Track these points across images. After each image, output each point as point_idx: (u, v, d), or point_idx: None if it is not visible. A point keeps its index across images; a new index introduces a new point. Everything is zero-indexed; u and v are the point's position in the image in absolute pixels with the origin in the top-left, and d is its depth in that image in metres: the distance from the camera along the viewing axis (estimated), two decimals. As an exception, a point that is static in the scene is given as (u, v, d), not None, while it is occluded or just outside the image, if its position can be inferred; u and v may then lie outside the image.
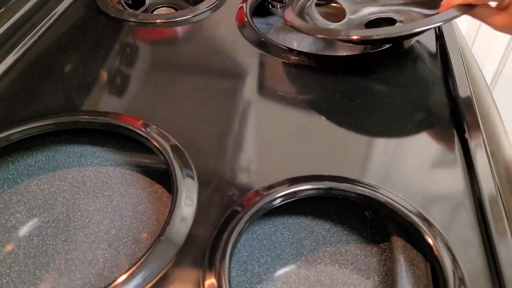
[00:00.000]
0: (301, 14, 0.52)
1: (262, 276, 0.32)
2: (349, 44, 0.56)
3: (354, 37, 0.44)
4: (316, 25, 0.52)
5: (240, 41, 0.53)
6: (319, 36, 0.48)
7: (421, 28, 0.41)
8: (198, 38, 0.54)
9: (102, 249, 0.34)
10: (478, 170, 0.36)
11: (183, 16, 0.57)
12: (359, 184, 0.35)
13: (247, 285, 0.31)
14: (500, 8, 0.36)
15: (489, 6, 0.37)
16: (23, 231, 0.35)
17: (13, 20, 0.52)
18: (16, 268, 0.32)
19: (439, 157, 0.39)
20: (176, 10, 0.65)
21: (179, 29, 0.56)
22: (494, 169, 0.37)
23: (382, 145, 0.40)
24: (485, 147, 0.39)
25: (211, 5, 0.59)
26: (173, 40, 0.55)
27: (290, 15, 0.47)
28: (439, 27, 0.55)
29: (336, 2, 0.57)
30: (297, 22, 0.47)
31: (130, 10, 0.62)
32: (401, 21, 0.50)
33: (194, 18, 0.57)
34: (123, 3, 0.63)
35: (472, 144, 0.39)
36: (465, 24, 0.93)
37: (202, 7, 0.59)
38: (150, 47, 0.54)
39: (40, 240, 0.34)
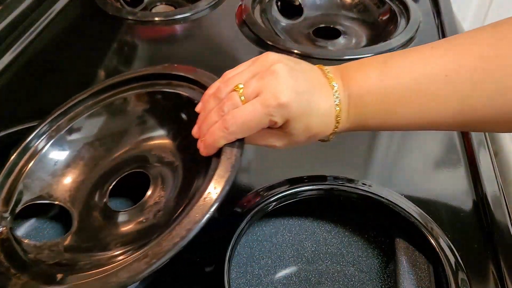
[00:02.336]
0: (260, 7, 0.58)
1: (262, 278, 0.32)
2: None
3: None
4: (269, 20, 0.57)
5: (240, 39, 0.52)
6: None
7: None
8: (197, 36, 0.54)
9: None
10: (481, 171, 0.36)
11: (182, 14, 0.57)
12: (360, 184, 0.34)
13: (247, 286, 0.31)
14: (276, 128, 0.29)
15: (265, 130, 0.29)
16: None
17: (10, 18, 0.52)
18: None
19: (442, 157, 0.39)
20: (175, 7, 0.64)
21: (178, 27, 0.55)
22: (497, 170, 0.37)
23: (384, 145, 0.40)
24: (488, 147, 0.38)
25: (211, 3, 0.58)
26: (172, 38, 0.55)
27: None
28: (441, 24, 0.54)
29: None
30: None
31: (129, 8, 0.62)
32: (345, 34, 0.56)
33: (193, 16, 0.57)
34: (121, 1, 0.62)
35: (475, 144, 0.38)
36: (467, 24, 0.93)
37: (201, 5, 0.58)
38: (149, 45, 0.53)
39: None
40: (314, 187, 0.34)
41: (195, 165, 0.32)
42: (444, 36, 0.52)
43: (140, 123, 0.37)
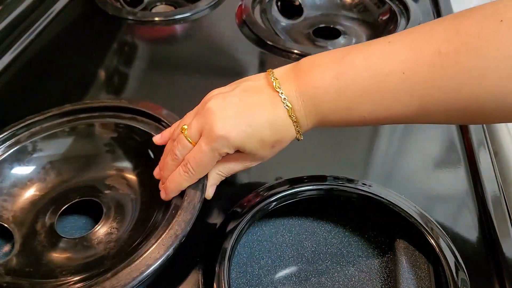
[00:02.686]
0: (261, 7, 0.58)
1: (262, 278, 0.32)
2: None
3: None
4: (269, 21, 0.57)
5: (240, 39, 0.53)
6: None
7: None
8: (197, 36, 0.54)
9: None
10: (482, 170, 0.36)
11: (182, 14, 0.57)
12: (360, 184, 0.34)
13: (247, 287, 0.31)
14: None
15: (231, 157, 0.30)
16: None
17: (10, 19, 0.52)
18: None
19: (442, 157, 0.39)
20: (175, 7, 0.64)
21: (178, 27, 0.55)
22: (497, 169, 0.37)
23: (384, 145, 0.40)
24: (488, 147, 0.38)
25: (211, 3, 0.58)
26: (172, 38, 0.55)
27: None
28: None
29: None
30: None
31: (129, 8, 0.62)
32: (344, 34, 0.56)
33: (193, 16, 0.57)
34: (121, 1, 0.62)
35: (475, 144, 0.38)
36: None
37: (201, 4, 0.58)
38: (149, 45, 0.53)
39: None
40: (314, 187, 0.34)
41: (154, 201, 0.32)
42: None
43: (102, 152, 0.36)
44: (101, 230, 0.33)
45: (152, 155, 0.35)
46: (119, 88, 0.46)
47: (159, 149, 0.34)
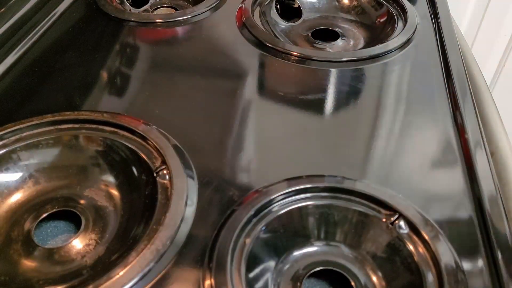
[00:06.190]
0: (260, 9, 0.58)
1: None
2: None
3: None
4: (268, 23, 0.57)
5: (240, 41, 0.53)
6: None
7: None
8: (198, 38, 0.54)
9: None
10: (478, 170, 0.36)
11: (183, 16, 0.57)
12: (358, 184, 0.35)
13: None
14: None
15: None
16: None
17: (13, 20, 0.52)
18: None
19: (439, 157, 0.39)
20: (176, 10, 0.65)
21: (179, 29, 0.56)
22: (493, 169, 0.37)
23: (382, 145, 0.40)
24: (485, 147, 0.39)
25: (211, 5, 0.59)
26: (173, 40, 0.55)
27: None
28: (438, 26, 0.55)
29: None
30: None
31: (132, 8, 0.62)
32: (343, 36, 0.56)
33: (194, 18, 0.57)
34: (125, 0, 0.63)
35: (472, 144, 0.39)
36: (465, 24, 0.94)
37: (202, 7, 0.59)
38: (150, 47, 0.54)
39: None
40: (313, 185, 0.34)
41: (134, 215, 0.32)
42: (441, 38, 0.53)
43: (82, 164, 0.36)
44: (80, 241, 0.33)
45: (135, 172, 0.36)
46: (121, 89, 0.47)
47: (143, 167, 0.35)
